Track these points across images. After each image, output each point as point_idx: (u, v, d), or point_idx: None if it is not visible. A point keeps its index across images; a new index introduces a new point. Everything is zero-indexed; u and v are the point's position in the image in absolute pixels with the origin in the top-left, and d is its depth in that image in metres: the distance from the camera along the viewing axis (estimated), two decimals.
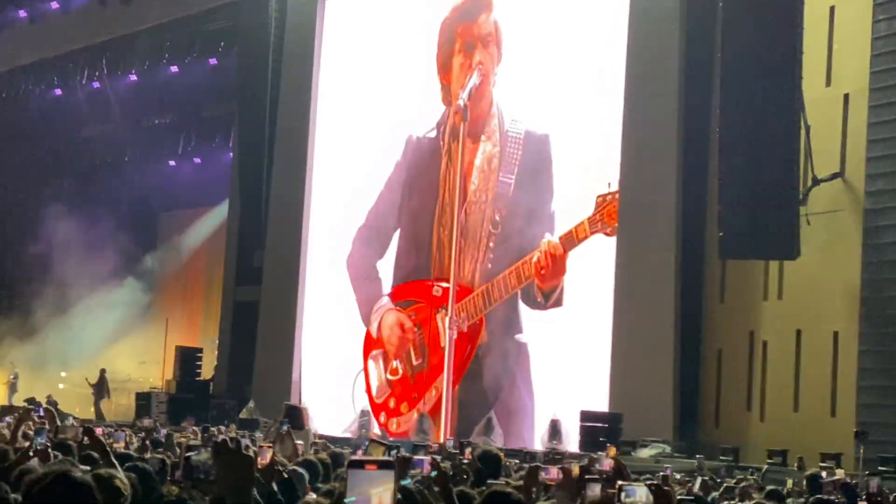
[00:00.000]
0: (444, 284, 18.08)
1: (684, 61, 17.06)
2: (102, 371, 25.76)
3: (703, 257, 16.88)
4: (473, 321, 18.27)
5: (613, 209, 17.14)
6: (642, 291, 16.84)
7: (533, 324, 17.97)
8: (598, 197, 17.30)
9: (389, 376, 19.44)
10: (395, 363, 19.36)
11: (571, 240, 17.51)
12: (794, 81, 15.16)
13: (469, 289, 18.48)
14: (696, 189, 16.87)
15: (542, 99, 18.30)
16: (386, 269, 19.98)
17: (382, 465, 2.43)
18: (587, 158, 17.67)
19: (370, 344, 19.84)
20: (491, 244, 18.41)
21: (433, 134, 19.34)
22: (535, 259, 17.75)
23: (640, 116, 17.25)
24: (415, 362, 18.89)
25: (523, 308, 18.03)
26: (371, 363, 19.73)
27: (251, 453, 3.30)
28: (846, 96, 15.68)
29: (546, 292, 17.71)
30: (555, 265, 17.59)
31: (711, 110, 16.47)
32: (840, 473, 10.85)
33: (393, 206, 19.95)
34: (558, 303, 17.63)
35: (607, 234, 17.19)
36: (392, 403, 19.36)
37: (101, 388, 25.57)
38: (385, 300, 19.82)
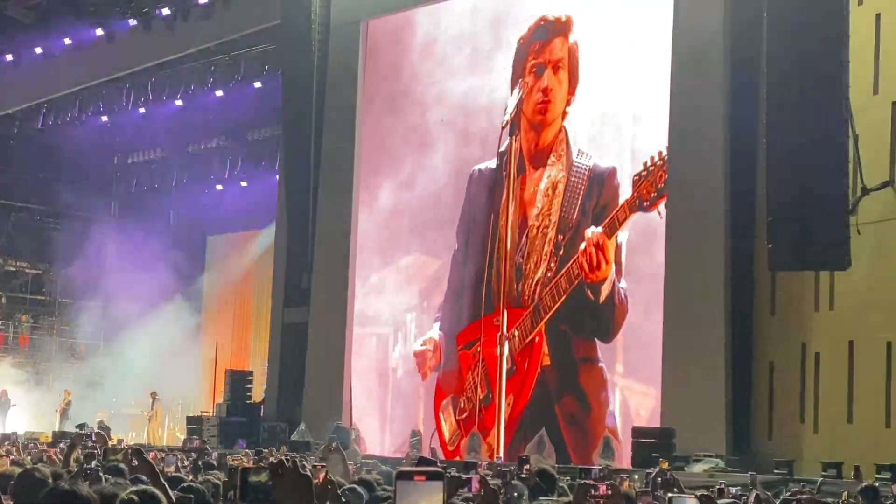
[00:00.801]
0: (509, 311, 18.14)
1: (730, 74, 16.95)
2: (153, 394, 25.95)
3: (752, 270, 16.74)
4: (531, 338, 18.20)
5: (649, 183, 17.06)
6: (692, 305, 16.73)
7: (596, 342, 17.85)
8: (635, 176, 17.26)
9: (458, 416, 19.34)
10: (462, 403, 19.26)
11: (613, 225, 17.44)
12: (841, 90, 15.03)
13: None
14: (744, 201, 16.74)
15: (608, 130, 18.22)
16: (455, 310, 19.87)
17: (431, 475, 2.42)
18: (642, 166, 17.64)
19: (440, 395, 19.75)
20: (552, 265, 18.31)
21: (493, 164, 19.29)
22: (581, 252, 17.66)
23: (687, 133, 17.17)
24: (480, 395, 18.79)
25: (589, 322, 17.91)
26: (442, 415, 19.63)
27: (308, 473, 3.30)
28: (894, 104, 15.51)
29: (595, 286, 17.58)
30: (598, 253, 17.48)
31: (758, 123, 16.35)
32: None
33: (464, 246, 19.85)
34: (613, 299, 17.45)
35: (646, 210, 17.09)
36: (463, 444, 19.20)
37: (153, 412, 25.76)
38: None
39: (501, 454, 17.64)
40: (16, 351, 29.39)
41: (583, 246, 17.69)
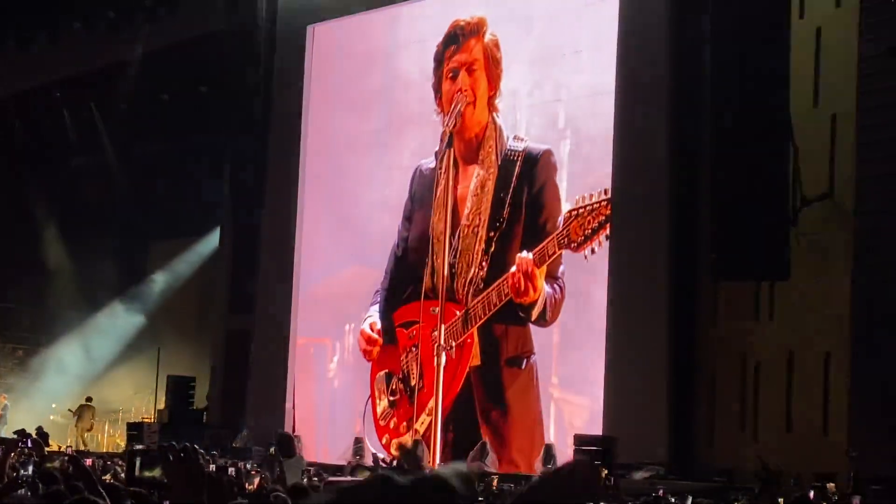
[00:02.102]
0: (447, 304, 18.19)
1: (674, 84, 17.08)
2: (88, 399, 25.69)
3: (695, 280, 16.88)
4: (460, 341, 18.27)
5: (577, 225, 17.15)
6: (635, 314, 16.84)
7: (531, 345, 17.90)
8: (567, 212, 17.34)
9: (391, 397, 19.40)
10: (396, 384, 19.31)
11: (543, 256, 17.52)
12: (783, 103, 15.23)
13: (462, 309, 18.49)
14: (687, 210, 16.89)
15: (542, 116, 18.33)
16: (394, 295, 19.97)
17: None
18: (582, 178, 17.67)
19: (375, 367, 19.76)
20: (484, 264, 18.39)
21: (432, 164, 19.32)
22: (511, 278, 17.73)
23: (631, 137, 17.28)
24: (412, 383, 18.82)
25: (521, 329, 17.95)
26: (376, 387, 19.66)
27: (200, 461, 3.20)
28: (833, 117, 15.72)
29: (525, 307, 17.67)
30: (526, 280, 17.56)
31: (702, 133, 16.51)
32: (832, 488, 10.82)
33: (403, 241, 19.89)
34: (543, 319, 17.56)
35: (573, 251, 17.18)
36: (393, 424, 19.32)
37: (81, 416, 25.46)
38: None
39: (442, 462, 17.62)
40: None
41: (513, 269, 17.71)
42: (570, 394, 17.38)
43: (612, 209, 17.14)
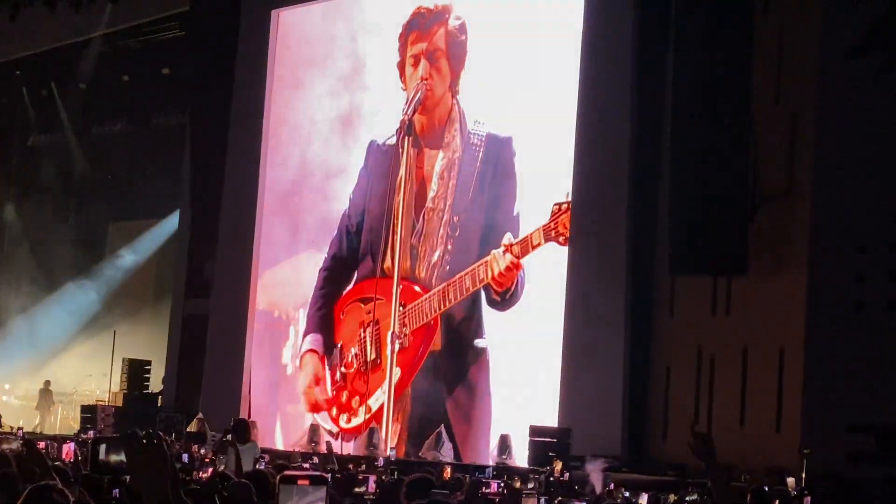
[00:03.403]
0: (407, 283, 18.20)
1: (636, 74, 17.13)
2: (46, 383, 25.53)
3: (653, 272, 16.95)
4: (427, 322, 18.29)
5: (568, 219, 17.21)
6: (592, 306, 16.88)
7: (492, 331, 17.95)
8: (554, 205, 17.36)
9: (343, 369, 19.41)
10: (350, 357, 19.31)
11: (526, 247, 17.55)
12: (745, 98, 15.31)
13: (427, 290, 18.49)
14: (646, 204, 16.95)
15: (505, 101, 18.35)
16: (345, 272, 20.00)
17: (315, 480, 2.39)
18: (547, 163, 17.72)
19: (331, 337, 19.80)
20: (450, 247, 18.42)
21: (393, 140, 19.28)
22: (490, 264, 17.74)
23: (592, 128, 17.33)
24: (369, 358, 18.83)
25: (485, 313, 18.00)
26: (330, 359, 19.67)
27: (165, 447, 3.16)
28: (794, 114, 15.82)
29: (501, 293, 17.75)
30: (508, 271, 17.62)
31: (663, 126, 16.57)
32: (791, 483, 10.91)
33: (357, 214, 19.89)
34: (515, 300, 17.65)
35: (560, 244, 17.24)
36: (344, 397, 19.34)
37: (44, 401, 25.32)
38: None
39: (393, 448, 17.64)
40: None
41: (496, 268, 17.70)
42: (525, 383, 17.41)
43: (573, 199, 17.20)
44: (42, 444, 8.86)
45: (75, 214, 28.51)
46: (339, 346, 19.65)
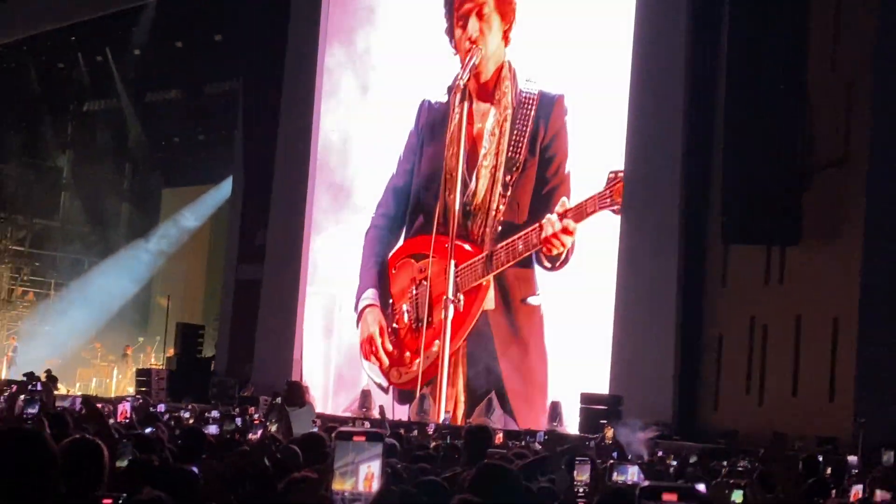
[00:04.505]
0: (459, 244, 18.20)
1: (690, 41, 16.99)
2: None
3: (705, 241, 16.86)
4: (477, 283, 18.31)
5: (622, 187, 17.15)
6: (644, 273, 16.84)
7: (544, 290, 17.93)
8: (610, 173, 17.27)
9: (395, 325, 19.49)
10: (403, 312, 19.38)
11: (580, 213, 17.49)
12: (800, 65, 15.14)
13: (478, 249, 18.49)
14: (699, 172, 16.84)
15: (556, 59, 18.24)
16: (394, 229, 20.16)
17: (371, 436, 2.42)
18: (599, 122, 17.65)
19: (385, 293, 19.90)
20: (501, 207, 18.41)
21: (445, 98, 19.23)
22: (543, 228, 17.70)
23: (646, 95, 17.22)
24: (421, 315, 18.86)
25: (538, 272, 17.99)
26: (386, 312, 19.75)
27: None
28: (850, 82, 15.62)
29: (552, 257, 17.73)
30: (561, 235, 17.57)
31: (717, 92, 16.43)
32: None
33: (406, 172, 19.89)
34: (564, 263, 17.64)
35: (615, 213, 17.19)
36: (396, 353, 19.41)
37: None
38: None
39: (447, 412, 17.70)
40: None
41: (549, 230, 17.64)
42: (577, 345, 17.38)
43: (626, 170, 17.13)
44: (99, 405, 8.98)
45: (129, 180, 28.77)
46: (390, 301, 19.73)
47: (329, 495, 2.37)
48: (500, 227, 18.39)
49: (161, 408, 12.20)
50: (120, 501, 2.87)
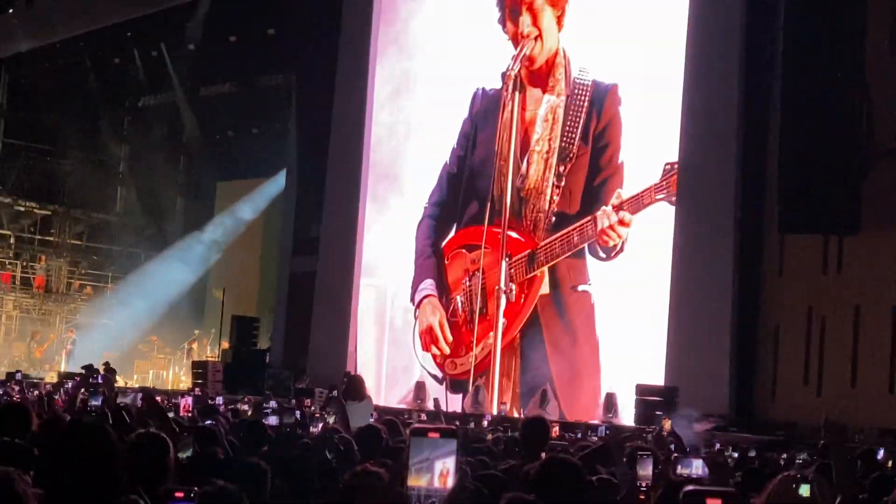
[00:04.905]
0: (511, 234, 18.14)
1: (747, 28, 16.85)
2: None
3: (762, 230, 16.72)
4: (532, 275, 18.28)
5: (676, 180, 17.05)
6: (700, 264, 16.74)
7: (596, 279, 17.86)
8: (666, 164, 17.17)
9: (451, 318, 19.50)
10: (457, 305, 19.38)
11: (637, 205, 17.39)
12: (858, 52, 14.95)
13: (530, 238, 18.44)
14: (755, 160, 16.70)
15: (610, 48, 18.15)
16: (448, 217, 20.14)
17: (445, 433, 2.42)
18: (652, 112, 17.55)
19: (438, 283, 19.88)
20: (556, 197, 18.35)
21: (498, 85, 19.20)
22: (599, 220, 17.62)
23: (701, 83, 17.09)
24: (475, 307, 18.83)
25: (590, 262, 17.94)
26: (434, 304, 19.75)
27: None
28: None
29: (607, 249, 17.66)
30: (617, 227, 17.49)
31: (774, 80, 16.27)
32: None
33: (459, 160, 19.89)
34: (619, 253, 17.56)
35: (671, 204, 17.11)
36: (452, 343, 19.41)
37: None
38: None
39: (503, 404, 17.69)
40: (23, 291, 29.48)
41: (605, 222, 17.55)
42: (630, 336, 17.30)
43: (680, 159, 17.02)
44: (158, 398, 9.07)
45: (184, 174, 28.99)
46: (443, 293, 19.74)
47: (404, 491, 2.38)
48: (553, 218, 18.34)
49: (219, 400, 12.28)
50: (192, 494, 2.89)
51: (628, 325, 17.31)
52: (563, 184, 18.29)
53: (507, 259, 18.07)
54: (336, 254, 21.89)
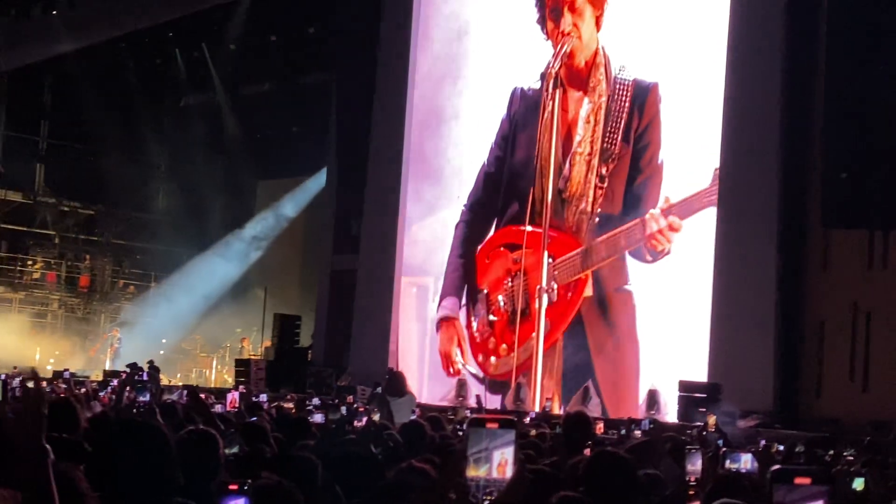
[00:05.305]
0: (553, 234, 18.13)
1: (789, 20, 16.72)
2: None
3: (805, 225, 16.59)
4: (575, 278, 18.24)
5: (720, 171, 16.96)
6: (742, 259, 16.63)
7: (637, 279, 17.80)
8: (716, 169, 17.08)
9: (492, 317, 19.49)
10: (500, 304, 19.36)
11: (687, 210, 17.26)
12: None
13: (573, 239, 18.40)
14: (798, 154, 16.57)
15: (650, 46, 18.09)
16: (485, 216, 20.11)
17: (504, 423, 2.42)
18: (693, 109, 17.47)
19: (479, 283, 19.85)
20: (599, 198, 18.29)
21: (538, 85, 19.17)
22: (647, 225, 17.53)
23: (742, 79, 16.97)
24: (517, 307, 18.80)
25: (629, 261, 17.89)
26: (473, 306, 19.76)
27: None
28: None
29: (655, 252, 17.59)
30: (666, 232, 17.40)
31: (817, 72, 16.15)
32: None
33: (498, 160, 19.85)
34: (666, 254, 17.49)
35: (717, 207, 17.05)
36: (492, 343, 19.41)
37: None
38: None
39: (548, 400, 17.65)
40: (68, 290, 29.75)
41: (654, 227, 17.46)
42: (672, 334, 17.23)
43: (721, 153, 16.92)
44: (202, 396, 9.12)
45: (225, 172, 29.13)
46: (484, 292, 19.72)
47: (463, 482, 2.38)
48: (597, 219, 18.26)
49: (262, 398, 12.34)
50: (245, 487, 2.90)
51: (670, 322, 17.23)
52: (605, 185, 18.22)
53: (550, 259, 18.02)
54: (377, 251, 21.93)
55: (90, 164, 29.28)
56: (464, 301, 19.99)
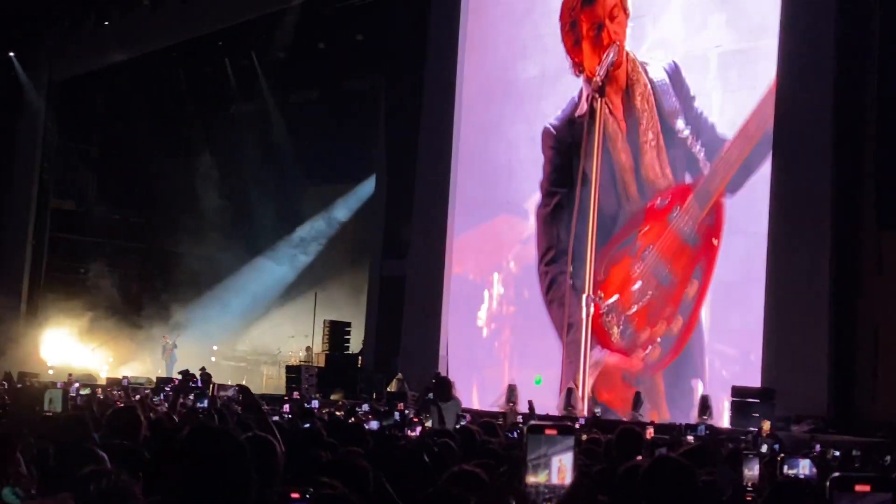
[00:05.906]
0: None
1: (840, 25, 16.58)
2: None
3: (859, 227, 16.41)
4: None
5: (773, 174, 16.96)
6: (796, 263, 16.48)
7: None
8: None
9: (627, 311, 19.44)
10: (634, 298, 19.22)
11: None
12: None
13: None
14: (852, 156, 16.40)
15: (688, 39, 18.28)
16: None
17: (563, 430, 2.42)
18: (746, 113, 17.44)
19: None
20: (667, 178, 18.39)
21: (583, 109, 19.16)
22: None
23: (794, 83, 16.84)
24: (658, 282, 18.64)
25: None
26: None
27: None
28: None
29: None
30: None
31: (869, 71, 15.98)
32: None
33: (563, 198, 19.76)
34: None
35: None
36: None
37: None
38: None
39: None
40: (121, 297, 30.01)
41: None
42: (724, 343, 17.12)
43: (774, 155, 16.80)
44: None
45: (275, 179, 29.27)
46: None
47: (523, 488, 2.38)
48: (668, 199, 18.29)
49: (314, 404, 12.40)
50: (308, 495, 2.90)
51: (723, 326, 17.12)
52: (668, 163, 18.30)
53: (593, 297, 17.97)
54: (426, 257, 21.95)
55: (140, 172, 29.54)
56: None
